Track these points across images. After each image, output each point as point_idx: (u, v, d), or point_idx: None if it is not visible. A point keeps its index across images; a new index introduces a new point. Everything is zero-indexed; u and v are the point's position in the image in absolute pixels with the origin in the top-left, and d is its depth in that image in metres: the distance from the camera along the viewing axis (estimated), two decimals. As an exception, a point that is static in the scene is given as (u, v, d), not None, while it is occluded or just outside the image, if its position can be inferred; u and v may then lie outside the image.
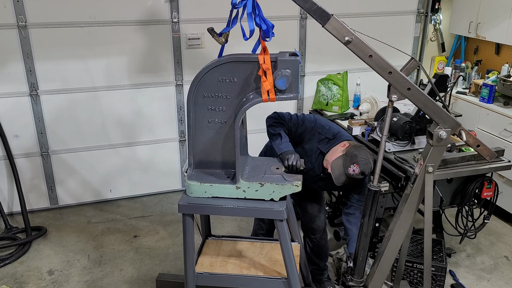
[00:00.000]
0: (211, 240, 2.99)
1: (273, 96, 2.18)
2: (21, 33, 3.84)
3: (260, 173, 2.50)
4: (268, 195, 2.40)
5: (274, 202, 2.41)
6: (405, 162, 3.27)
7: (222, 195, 2.42)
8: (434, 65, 5.28)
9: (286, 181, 2.40)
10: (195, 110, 2.38)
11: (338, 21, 2.12)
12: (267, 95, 2.18)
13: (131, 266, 3.65)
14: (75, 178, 4.45)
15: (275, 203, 2.41)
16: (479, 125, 4.37)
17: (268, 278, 2.62)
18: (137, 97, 4.35)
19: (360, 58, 2.21)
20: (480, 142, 2.43)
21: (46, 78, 4.04)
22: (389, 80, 2.26)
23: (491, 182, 3.31)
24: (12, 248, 3.80)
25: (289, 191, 2.40)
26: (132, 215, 4.40)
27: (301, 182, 2.43)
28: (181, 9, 4.18)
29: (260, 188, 2.39)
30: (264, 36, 2.12)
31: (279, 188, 2.39)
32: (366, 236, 2.61)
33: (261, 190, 2.39)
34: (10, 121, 4.06)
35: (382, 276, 2.67)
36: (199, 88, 2.33)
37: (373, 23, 4.80)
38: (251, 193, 2.40)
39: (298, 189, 2.40)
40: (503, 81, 4.34)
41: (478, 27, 4.69)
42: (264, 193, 2.40)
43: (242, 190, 2.39)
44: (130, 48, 4.18)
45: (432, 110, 2.32)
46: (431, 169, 2.39)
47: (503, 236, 4.08)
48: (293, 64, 2.18)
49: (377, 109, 3.94)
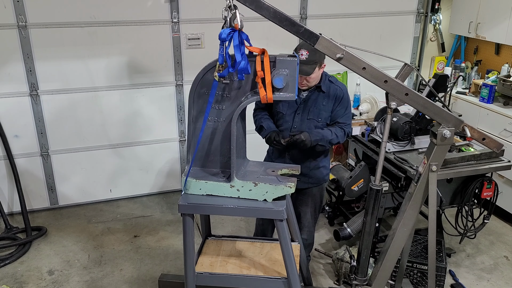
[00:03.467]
0: (211, 240, 2.99)
1: (271, 95, 2.20)
2: (21, 33, 3.84)
3: (256, 173, 2.51)
4: (262, 196, 2.40)
5: (274, 202, 2.41)
6: (405, 162, 3.28)
7: (216, 193, 2.43)
8: (434, 65, 5.28)
9: (280, 182, 2.41)
10: (196, 107, 2.39)
11: (327, 40, 2.14)
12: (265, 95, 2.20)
13: (131, 266, 3.65)
14: (75, 178, 4.45)
15: (275, 203, 2.41)
16: (479, 125, 4.38)
17: (268, 278, 2.62)
18: (137, 97, 4.35)
19: (354, 71, 2.24)
20: (485, 135, 2.44)
21: (46, 78, 4.04)
22: (386, 89, 2.28)
23: (491, 182, 3.32)
24: (12, 248, 3.80)
25: (282, 192, 2.41)
26: (132, 215, 4.40)
27: (295, 184, 2.43)
28: (181, 9, 4.18)
29: (254, 188, 2.39)
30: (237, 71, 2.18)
31: (272, 189, 2.39)
32: (369, 235, 2.62)
33: (255, 189, 2.39)
34: (10, 121, 4.06)
35: (385, 274, 2.68)
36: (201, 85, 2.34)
37: (373, 23, 4.80)
38: (245, 193, 2.40)
39: (291, 191, 2.41)
40: (503, 81, 4.35)
41: (478, 27, 4.69)
42: (258, 193, 2.40)
43: (236, 189, 2.40)
44: (130, 48, 4.18)
45: (433, 111, 2.33)
46: (435, 168, 2.41)
47: (503, 236, 4.08)
48: (291, 65, 2.21)
49: (377, 109, 3.94)
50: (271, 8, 2.08)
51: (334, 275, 3.55)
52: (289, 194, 2.46)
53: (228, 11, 2.07)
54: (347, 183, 3.33)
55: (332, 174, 3.52)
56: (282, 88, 2.21)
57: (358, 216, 3.57)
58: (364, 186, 3.32)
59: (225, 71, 2.18)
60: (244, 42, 2.14)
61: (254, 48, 2.17)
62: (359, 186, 3.33)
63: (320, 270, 3.62)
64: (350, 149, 3.95)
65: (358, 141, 3.78)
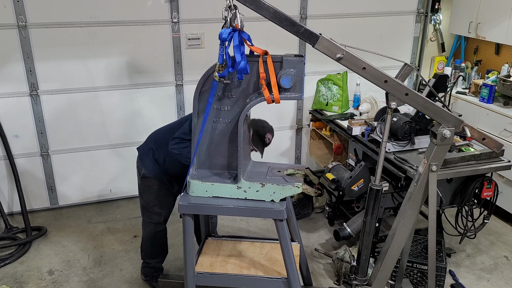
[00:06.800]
0: (211, 240, 3.00)
1: (277, 96, 2.19)
2: (21, 33, 3.84)
3: (262, 174, 2.51)
4: (269, 196, 2.41)
5: (274, 202, 2.41)
6: (405, 162, 3.28)
7: (223, 194, 2.42)
8: (434, 65, 5.28)
9: (287, 183, 2.41)
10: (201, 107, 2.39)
11: (327, 40, 2.14)
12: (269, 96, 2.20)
13: (131, 266, 3.65)
14: (75, 178, 4.45)
15: (275, 203, 2.41)
16: (479, 125, 4.37)
17: (268, 278, 2.63)
18: (137, 97, 4.35)
19: (354, 71, 2.24)
20: (485, 135, 2.44)
21: (46, 78, 4.04)
22: (386, 89, 2.28)
23: (491, 182, 3.31)
24: (12, 248, 3.80)
25: (290, 192, 2.41)
26: (132, 215, 4.40)
27: (302, 184, 2.44)
28: (181, 9, 4.18)
29: (261, 189, 2.39)
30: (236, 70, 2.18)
31: (279, 189, 2.39)
32: (369, 235, 2.62)
33: (262, 190, 2.40)
34: (10, 121, 4.06)
35: (386, 274, 2.68)
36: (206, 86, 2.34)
37: (373, 23, 4.80)
38: (252, 194, 2.41)
39: (299, 191, 2.41)
40: (503, 81, 4.34)
41: (478, 27, 4.69)
42: (265, 193, 2.40)
43: (243, 190, 2.40)
44: (130, 48, 4.18)
45: (433, 111, 2.33)
46: (435, 168, 2.41)
47: (503, 236, 4.08)
48: (298, 65, 2.21)
49: (377, 109, 3.94)
50: (271, 8, 2.08)
51: (334, 275, 3.54)
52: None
53: (228, 11, 2.07)
54: (347, 183, 3.33)
55: (332, 174, 3.52)
56: (289, 88, 2.21)
57: (358, 216, 3.57)
58: (364, 186, 3.32)
59: (225, 71, 2.18)
60: (244, 42, 2.14)
61: (257, 49, 2.17)
62: (359, 186, 3.33)
63: (320, 270, 3.62)
64: (350, 149, 3.95)
65: (358, 141, 3.78)
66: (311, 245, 3.89)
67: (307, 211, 4.34)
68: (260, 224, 4.22)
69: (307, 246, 3.85)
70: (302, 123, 5.01)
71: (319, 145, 4.85)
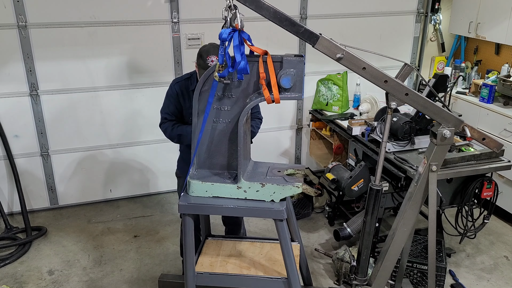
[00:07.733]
0: (211, 240, 2.99)
1: (277, 96, 2.19)
2: (21, 33, 3.84)
3: (262, 174, 2.51)
4: (269, 196, 2.41)
5: (274, 202, 2.41)
6: (405, 162, 3.28)
7: (223, 194, 2.42)
8: (434, 65, 5.28)
9: (287, 183, 2.41)
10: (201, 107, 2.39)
11: (327, 40, 2.14)
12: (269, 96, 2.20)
13: (131, 266, 3.65)
14: (75, 178, 4.45)
15: (275, 203, 2.41)
16: (479, 125, 4.37)
17: (268, 278, 2.62)
18: (137, 97, 4.35)
19: (354, 71, 2.24)
20: (485, 135, 2.44)
21: (46, 78, 4.04)
22: (386, 89, 2.28)
23: (491, 182, 3.31)
24: (12, 248, 3.80)
25: (290, 192, 2.41)
26: (132, 215, 4.40)
27: (302, 183, 2.44)
28: (181, 9, 4.18)
29: (261, 189, 2.39)
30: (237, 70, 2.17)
31: (280, 189, 2.39)
32: (369, 235, 2.62)
33: (262, 190, 2.39)
34: (10, 121, 4.06)
35: (386, 274, 2.68)
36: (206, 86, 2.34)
37: (373, 23, 4.80)
38: (252, 194, 2.40)
39: (299, 191, 2.41)
40: (503, 81, 4.34)
41: (478, 27, 4.69)
42: (265, 193, 2.40)
43: (243, 190, 2.40)
44: (130, 48, 4.18)
45: (433, 111, 2.33)
46: (435, 168, 2.41)
47: (503, 236, 4.08)
48: (298, 65, 2.21)
49: (377, 109, 3.94)
50: (271, 8, 2.08)
51: (334, 275, 3.55)
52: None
53: (228, 11, 2.07)
54: (347, 183, 3.33)
55: (332, 174, 3.52)
56: (289, 88, 2.21)
57: (358, 216, 3.57)
58: (364, 186, 3.32)
59: (225, 71, 2.18)
60: (244, 42, 2.14)
61: (257, 49, 2.17)
62: (359, 186, 3.34)
63: (320, 270, 3.62)
64: (350, 149, 3.95)
65: (358, 141, 3.78)
66: (311, 245, 3.90)
67: (307, 211, 4.34)
68: (260, 224, 4.21)
69: (307, 246, 3.86)
70: (302, 123, 5.01)
71: (319, 145, 4.86)
